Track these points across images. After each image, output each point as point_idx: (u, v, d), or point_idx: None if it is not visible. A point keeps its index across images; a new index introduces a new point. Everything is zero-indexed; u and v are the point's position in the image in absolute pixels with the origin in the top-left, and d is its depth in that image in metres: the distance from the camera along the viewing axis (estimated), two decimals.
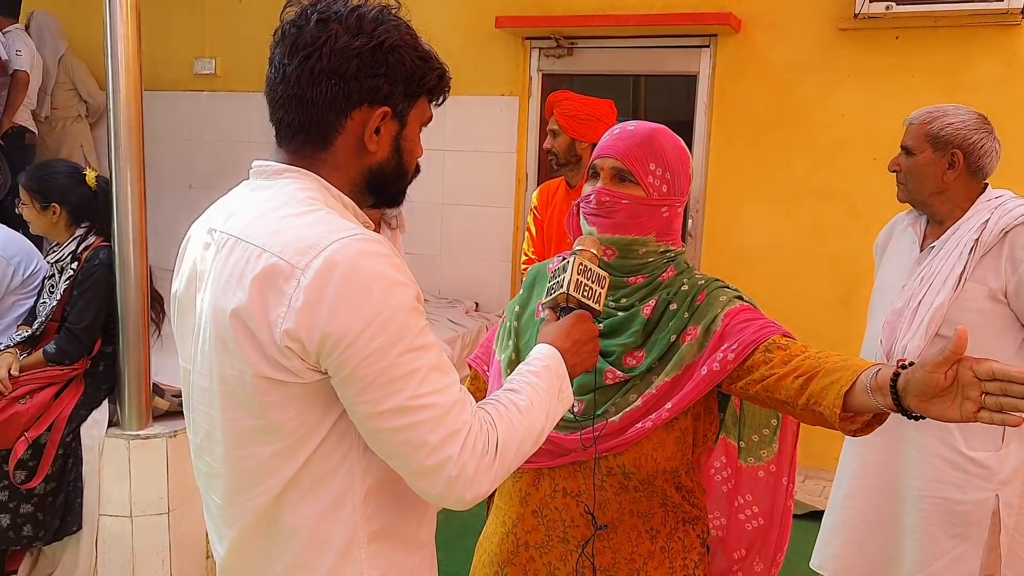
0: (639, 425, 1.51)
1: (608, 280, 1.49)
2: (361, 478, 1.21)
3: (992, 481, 2.27)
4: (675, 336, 1.54)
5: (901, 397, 1.22)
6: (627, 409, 1.52)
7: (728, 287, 1.61)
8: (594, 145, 3.87)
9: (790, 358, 1.41)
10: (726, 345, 1.48)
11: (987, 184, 2.34)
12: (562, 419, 1.47)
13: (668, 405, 1.50)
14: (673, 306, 1.57)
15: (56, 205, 3.06)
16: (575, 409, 1.56)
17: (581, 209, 1.60)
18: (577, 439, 1.54)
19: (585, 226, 1.59)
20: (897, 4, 4.03)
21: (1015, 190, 2.34)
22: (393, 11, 1.26)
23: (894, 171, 2.38)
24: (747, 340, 1.46)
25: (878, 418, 1.34)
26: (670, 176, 1.56)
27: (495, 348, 1.76)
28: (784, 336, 1.48)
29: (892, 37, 4.26)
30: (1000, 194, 2.31)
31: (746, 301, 1.57)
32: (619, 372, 1.55)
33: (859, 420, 1.34)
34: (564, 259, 1.50)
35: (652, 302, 1.57)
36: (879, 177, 4.23)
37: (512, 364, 1.64)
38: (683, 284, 1.59)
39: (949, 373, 1.18)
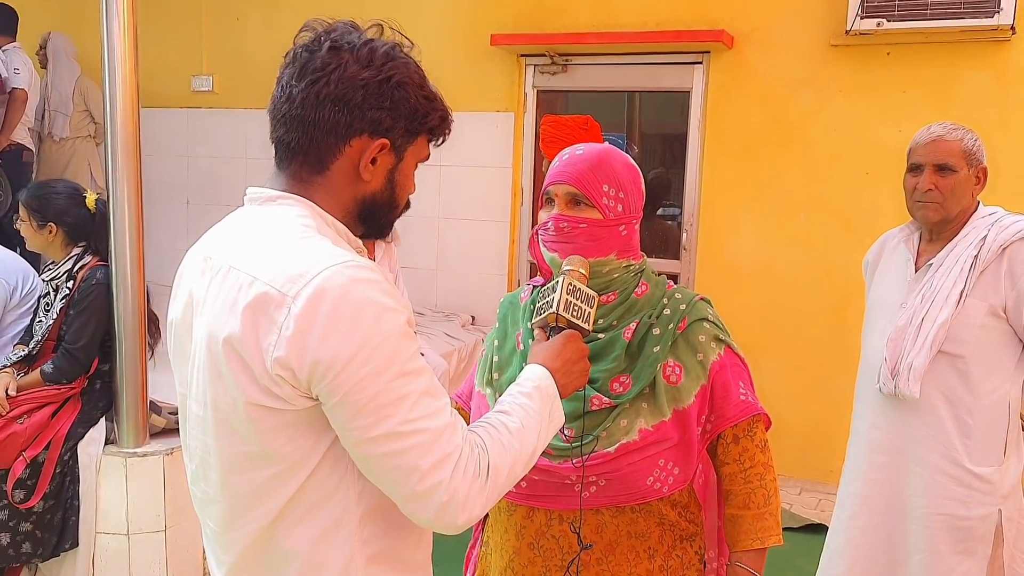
0: (633, 460, 1.55)
1: (597, 300, 1.51)
2: (356, 502, 1.22)
3: (995, 496, 2.28)
4: (659, 364, 1.57)
5: None
6: (623, 440, 1.54)
7: (708, 316, 1.64)
8: None
9: (737, 470, 1.64)
10: (709, 413, 1.61)
11: (979, 201, 2.36)
12: (552, 446, 1.50)
13: (663, 463, 1.57)
14: (656, 331, 1.59)
15: (53, 224, 3.07)
16: (566, 434, 1.57)
17: (540, 236, 1.61)
18: (570, 467, 1.55)
19: (546, 253, 1.60)
20: (888, 21, 4.07)
21: (1005, 205, 2.37)
22: (405, 49, 1.28)
23: (928, 190, 2.30)
24: (727, 417, 1.62)
25: None
26: (624, 195, 1.59)
27: (476, 381, 1.77)
28: (752, 419, 1.63)
29: (884, 53, 4.29)
30: (994, 211, 2.33)
31: (724, 339, 1.64)
32: (605, 399, 1.56)
33: None
34: (541, 285, 1.52)
35: (633, 325, 1.59)
36: (872, 191, 4.29)
37: (495, 398, 1.66)
38: (664, 307, 1.61)
39: None
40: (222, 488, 1.24)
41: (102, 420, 3.09)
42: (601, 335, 1.59)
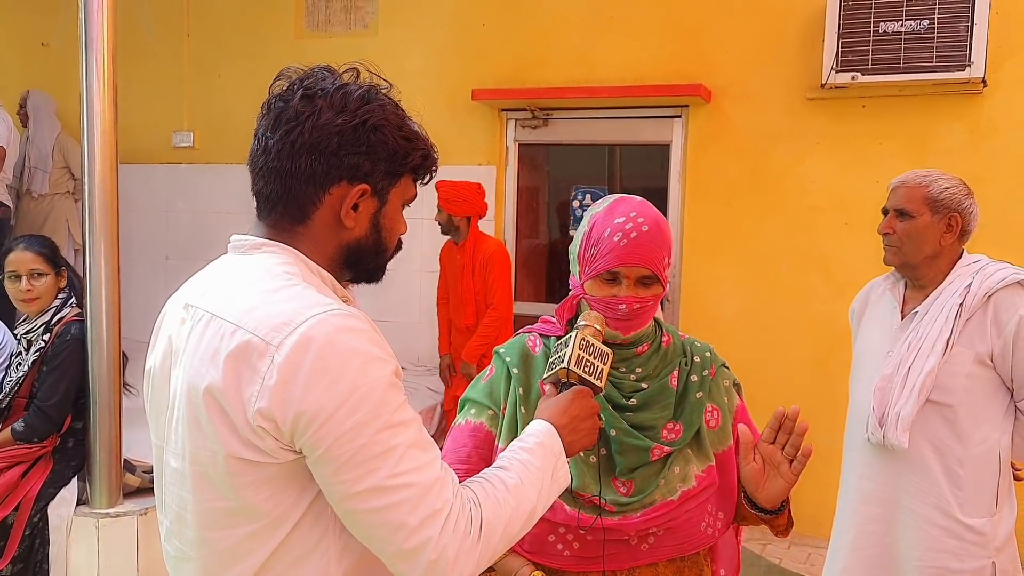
0: (690, 507, 1.56)
1: (611, 357, 1.47)
2: (337, 561, 1.17)
3: (988, 548, 2.25)
4: (703, 409, 1.61)
5: (754, 502, 1.57)
6: (683, 488, 1.55)
7: (726, 363, 1.72)
8: (467, 218, 4.47)
9: None
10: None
11: (963, 249, 2.37)
12: (613, 502, 1.49)
13: (711, 509, 1.59)
14: (694, 377, 1.63)
15: (63, 268, 3.10)
16: (624, 490, 1.53)
17: (604, 313, 1.53)
18: (632, 522, 1.51)
19: (608, 330, 1.52)
20: (862, 74, 4.15)
21: (985, 254, 2.38)
22: (383, 91, 1.26)
23: (886, 234, 2.37)
24: None
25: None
26: (670, 260, 1.59)
27: (499, 441, 1.62)
28: None
29: (859, 106, 4.37)
30: (978, 259, 2.34)
31: (738, 384, 1.72)
32: (665, 447, 1.55)
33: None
34: (541, 333, 1.49)
35: (675, 373, 1.61)
36: (852, 241, 4.32)
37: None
38: (694, 355, 1.66)
39: (758, 457, 1.55)
40: (198, 545, 1.19)
41: (74, 480, 3.01)
42: (645, 384, 1.58)
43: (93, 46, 2.95)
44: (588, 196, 5.05)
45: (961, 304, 2.24)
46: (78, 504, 2.99)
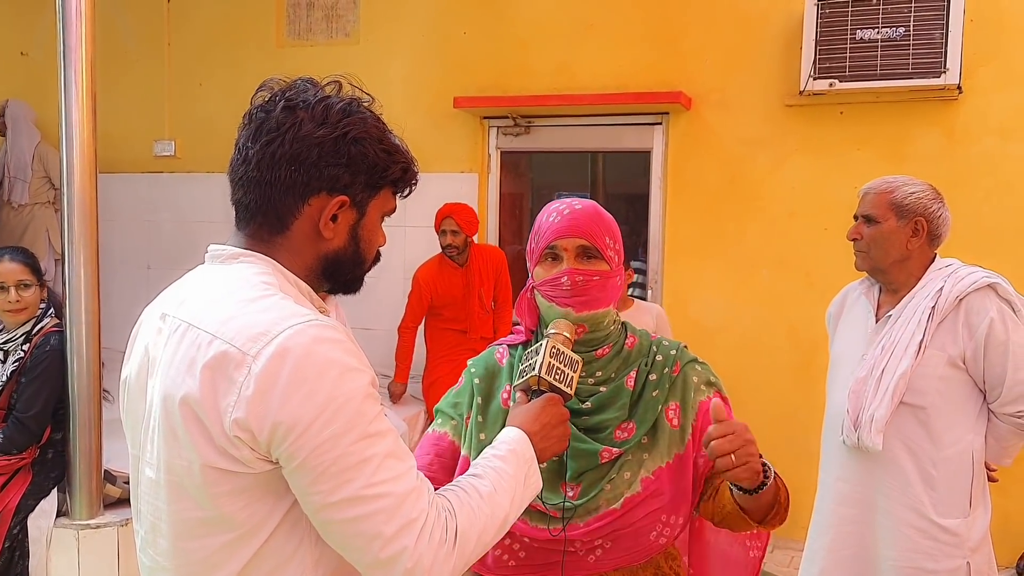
0: (638, 515, 1.52)
1: (580, 364, 1.49)
2: (313, 570, 1.17)
3: (963, 548, 2.27)
4: (660, 406, 1.58)
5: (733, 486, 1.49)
6: (627, 494, 1.52)
7: (696, 358, 1.68)
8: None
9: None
10: (700, 450, 1.57)
11: (936, 253, 2.40)
12: (557, 507, 1.47)
13: (665, 518, 1.54)
14: (653, 376, 1.60)
15: (45, 279, 3.10)
16: (571, 494, 1.53)
17: (546, 293, 1.57)
18: (575, 532, 1.51)
19: (555, 309, 1.56)
20: (840, 81, 4.19)
21: (957, 258, 2.41)
22: (364, 104, 1.27)
23: (854, 239, 2.41)
24: None
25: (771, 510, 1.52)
26: (617, 246, 1.60)
27: (462, 449, 1.65)
28: None
29: (837, 112, 4.41)
30: (950, 263, 2.37)
31: (714, 382, 1.66)
32: (614, 448, 1.54)
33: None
34: (512, 345, 1.50)
35: (632, 373, 1.60)
36: (831, 246, 4.35)
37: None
38: (655, 355, 1.63)
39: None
40: (173, 555, 1.19)
41: (54, 491, 2.99)
42: (603, 388, 1.59)
43: (71, 55, 2.94)
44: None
45: (933, 307, 2.27)
46: (58, 515, 2.97)
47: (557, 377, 1.43)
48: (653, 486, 1.53)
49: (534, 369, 1.43)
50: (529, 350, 1.49)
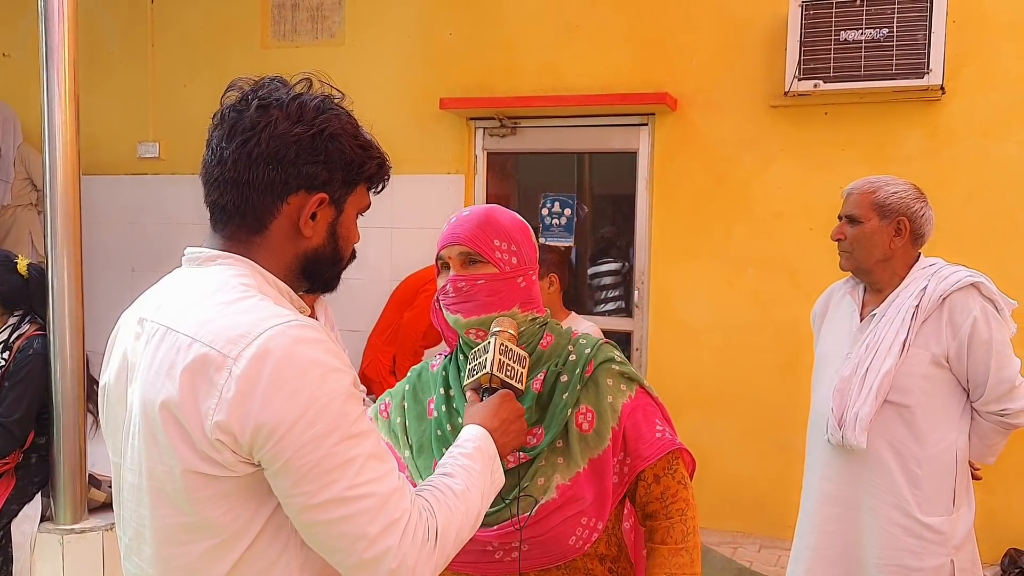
0: (554, 521, 1.52)
1: (528, 359, 1.51)
2: (298, 573, 1.17)
3: (947, 546, 2.29)
4: (570, 410, 1.55)
5: None
6: (542, 501, 1.51)
7: (615, 357, 1.63)
8: None
9: (659, 507, 1.59)
10: (623, 456, 1.57)
11: (920, 252, 2.42)
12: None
13: (585, 521, 1.53)
14: (564, 378, 1.58)
15: None
16: None
17: (441, 302, 1.61)
18: (493, 534, 1.51)
19: (449, 316, 1.59)
20: (824, 82, 4.21)
21: (942, 257, 2.42)
22: (336, 100, 1.27)
23: (838, 240, 2.43)
24: (644, 456, 1.58)
25: None
26: (516, 248, 1.60)
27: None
28: (671, 455, 1.60)
29: (821, 113, 4.43)
30: (934, 262, 2.39)
31: (635, 380, 1.62)
32: (521, 454, 1.53)
33: None
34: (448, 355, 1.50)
35: (540, 376, 1.59)
36: (817, 246, 4.36)
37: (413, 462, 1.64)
38: (569, 353, 1.61)
39: None
40: (156, 562, 1.18)
41: (38, 496, 2.97)
42: None
43: (54, 56, 2.92)
44: (557, 204, 5.08)
45: (917, 306, 2.28)
46: (42, 520, 2.95)
47: (508, 374, 1.45)
48: (570, 492, 1.52)
49: (485, 367, 1.44)
50: (475, 349, 1.51)
